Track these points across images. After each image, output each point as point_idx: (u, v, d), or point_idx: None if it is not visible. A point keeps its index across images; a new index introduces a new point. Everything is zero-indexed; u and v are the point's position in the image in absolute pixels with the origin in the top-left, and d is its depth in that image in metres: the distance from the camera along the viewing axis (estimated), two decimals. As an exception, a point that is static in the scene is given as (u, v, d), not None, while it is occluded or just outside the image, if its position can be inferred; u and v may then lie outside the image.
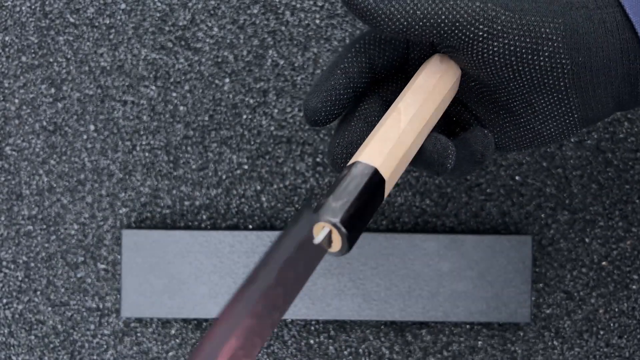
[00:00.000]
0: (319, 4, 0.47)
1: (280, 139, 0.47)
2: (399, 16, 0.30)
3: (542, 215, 0.47)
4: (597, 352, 0.47)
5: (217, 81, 0.47)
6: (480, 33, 0.30)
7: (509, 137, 0.34)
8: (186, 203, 0.47)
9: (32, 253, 0.47)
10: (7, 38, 0.47)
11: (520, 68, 0.30)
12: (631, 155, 0.47)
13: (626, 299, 0.47)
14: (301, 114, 0.47)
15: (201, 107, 0.47)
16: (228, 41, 0.47)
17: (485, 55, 0.31)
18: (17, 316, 0.47)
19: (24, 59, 0.47)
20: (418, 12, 0.30)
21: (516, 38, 0.30)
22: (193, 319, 0.46)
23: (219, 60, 0.47)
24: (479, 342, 0.47)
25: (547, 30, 0.30)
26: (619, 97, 0.32)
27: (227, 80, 0.47)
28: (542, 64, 0.30)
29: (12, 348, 0.47)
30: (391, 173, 0.30)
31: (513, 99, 0.32)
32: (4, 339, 0.47)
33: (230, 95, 0.47)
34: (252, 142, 0.47)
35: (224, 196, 0.47)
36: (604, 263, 0.47)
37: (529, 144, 0.34)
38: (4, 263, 0.47)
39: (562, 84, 0.31)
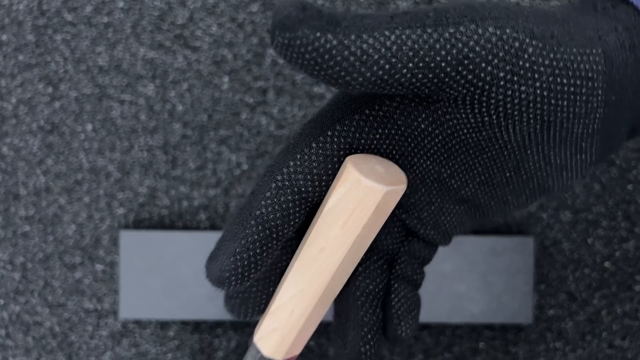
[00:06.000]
0: (319, 2, 0.46)
1: (279, 138, 0.46)
2: (377, 57, 0.20)
3: (544, 216, 0.46)
4: (599, 353, 0.46)
5: (215, 80, 0.46)
6: (502, 74, 0.21)
7: (501, 204, 0.26)
8: (185, 203, 0.46)
9: (29, 254, 0.46)
10: (4, 37, 0.46)
11: (549, 118, 0.22)
12: (634, 155, 0.46)
13: (629, 300, 0.46)
14: (301, 113, 0.46)
15: (200, 107, 0.46)
16: (227, 40, 0.46)
17: (502, 106, 0.22)
18: (14, 317, 0.46)
19: (21, 57, 0.46)
20: (405, 48, 0.20)
21: (550, 80, 0.21)
22: (192, 320, 0.46)
23: (218, 59, 0.46)
24: (481, 344, 0.46)
25: (587, 66, 0.22)
26: (633, 127, 0.25)
27: (226, 79, 0.46)
28: (576, 111, 0.22)
29: (9, 350, 0.46)
30: (300, 348, 0.28)
31: (523, 159, 0.24)
32: (1, 340, 0.46)
33: (229, 94, 0.46)
34: (252, 142, 0.46)
35: (223, 196, 0.46)
36: (606, 264, 0.46)
37: (528, 202, 0.27)
38: (1, 264, 0.46)
39: (589, 131, 0.23)
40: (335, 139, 0.24)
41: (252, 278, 0.25)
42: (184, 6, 0.46)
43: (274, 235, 0.24)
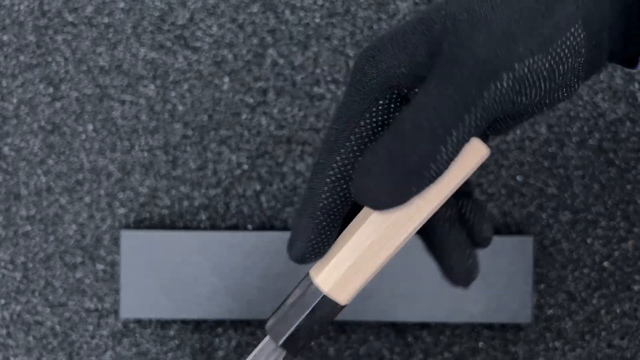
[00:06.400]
0: (319, 2, 0.46)
1: (280, 138, 0.46)
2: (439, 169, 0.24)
3: (544, 216, 0.46)
4: (598, 353, 0.46)
5: (216, 80, 0.46)
6: (520, 98, 0.25)
7: (508, 128, 0.31)
8: (185, 203, 0.46)
9: (30, 254, 0.46)
10: (5, 37, 0.46)
11: (549, 88, 0.26)
12: (633, 155, 0.46)
13: (628, 299, 0.46)
14: (301, 113, 0.46)
15: (200, 107, 0.46)
16: (227, 40, 0.46)
17: (517, 107, 0.26)
18: (15, 317, 0.46)
19: (22, 58, 0.46)
20: (466, 129, 0.24)
21: (551, 75, 0.25)
22: (192, 319, 0.46)
23: (218, 59, 0.46)
24: (480, 344, 0.46)
25: (573, 43, 0.25)
26: (611, 52, 0.28)
27: (226, 79, 0.46)
28: (567, 72, 0.26)
29: (10, 349, 0.47)
30: (347, 294, 0.28)
31: (526, 108, 0.29)
32: (2, 340, 0.47)
33: (230, 95, 0.46)
34: (252, 142, 0.46)
35: (223, 196, 0.46)
36: (605, 264, 0.46)
37: (528, 118, 0.31)
38: (2, 264, 0.46)
39: (577, 73, 0.27)
40: (369, 126, 0.27)
41: (327, 250, 0.29)
42: (184, 7, 0.46)
43: (338, 215, 0.28)
